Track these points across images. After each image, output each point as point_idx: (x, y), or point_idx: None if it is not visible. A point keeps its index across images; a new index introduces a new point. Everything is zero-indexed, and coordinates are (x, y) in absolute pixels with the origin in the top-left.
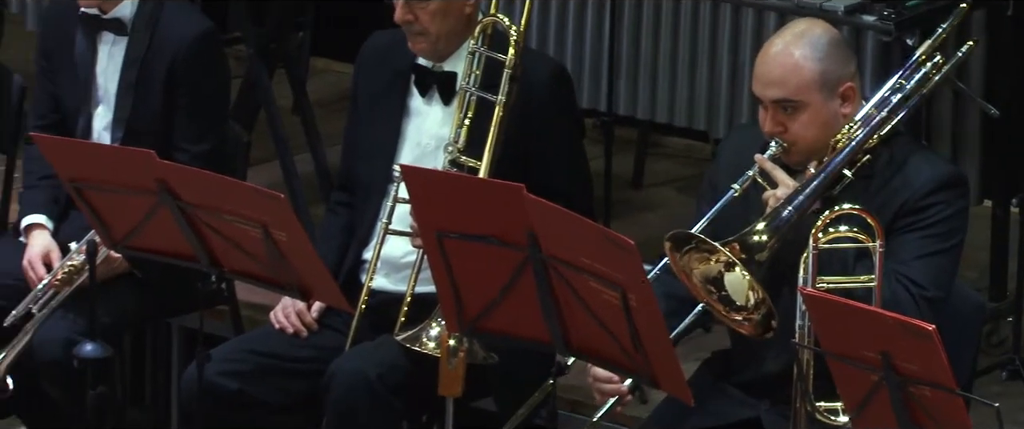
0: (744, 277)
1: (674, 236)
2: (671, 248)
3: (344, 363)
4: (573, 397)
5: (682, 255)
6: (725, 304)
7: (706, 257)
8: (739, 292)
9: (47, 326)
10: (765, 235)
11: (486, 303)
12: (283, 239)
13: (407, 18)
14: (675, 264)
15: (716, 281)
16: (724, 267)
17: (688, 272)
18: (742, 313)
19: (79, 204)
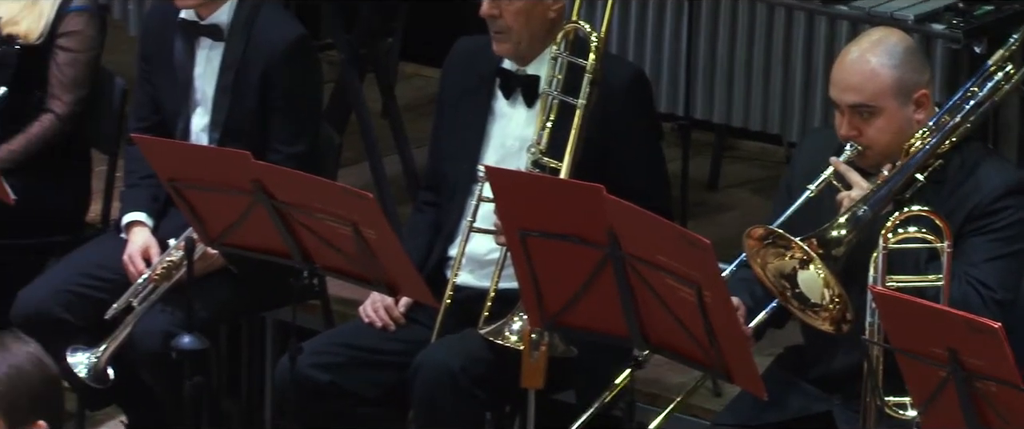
0: (819, 274)
1: (753, 230)
2: (750, 242)
3: (430, 356)
4: (650, 390)
5: (760, 249)
6: (798, 300)
7: (782, 253)
8: (813, 289)
9: (146, 319)
10: (843, 230)
11: (567, 299)
12: (372, 237)
13: (492, 12)
14: (752, 259)
15: (790, 277)
16: (799, 263)
17: (764, 267)
18: (816, 309)
19: (178, 202)
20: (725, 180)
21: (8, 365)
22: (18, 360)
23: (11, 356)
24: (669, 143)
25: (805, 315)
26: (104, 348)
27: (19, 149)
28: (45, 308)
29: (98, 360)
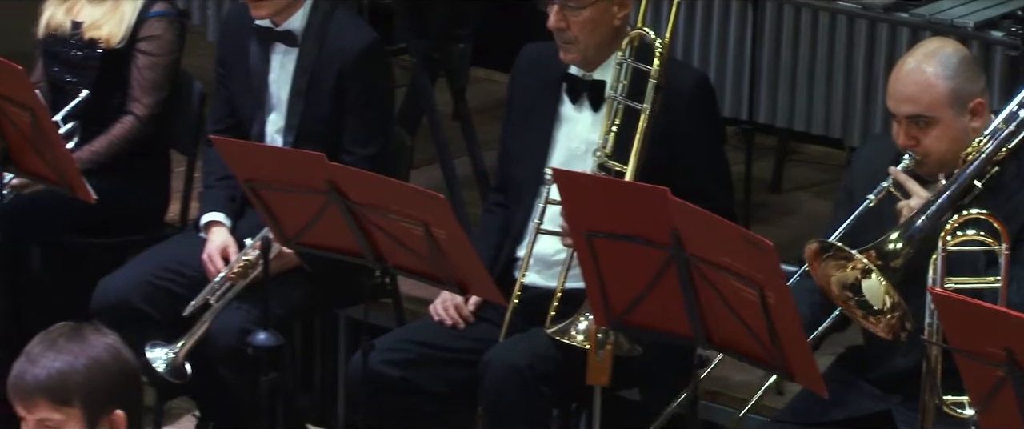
0: (881, 283)
1: (813, 245)
2: (811, 256)
3: (498, 353)
4: (713, 388)
5: (821, 262)
6: (862, 309)
7: (843, 264)
8: (876, 297)
9: (224, 316)
10: (900, 243)
11: (632, 299)
12: (443, 237)
13: (560, 25)
14: (814, 271)
15: (853, 287)
16: (861, 274)
17: (826, 278)
18: (878, 317)
19: (254, 203)
20: (787, 183)
21: (87, 357)
22: (97, 352)
23: (90, 348)
24: (732, 146)
25: (867, 322)
26: (182, 344)
27: (101, 150)
28: (126, 298)
29: (176, 355)
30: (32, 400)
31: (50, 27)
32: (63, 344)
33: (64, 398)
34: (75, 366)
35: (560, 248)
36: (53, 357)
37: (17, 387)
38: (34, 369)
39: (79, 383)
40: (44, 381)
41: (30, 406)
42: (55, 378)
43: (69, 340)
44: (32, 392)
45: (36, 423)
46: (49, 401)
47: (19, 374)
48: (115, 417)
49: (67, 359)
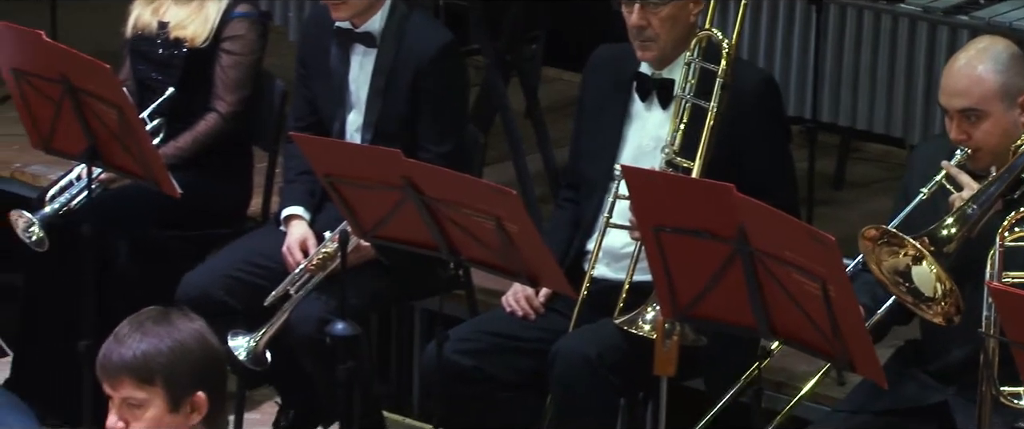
0: (932, 270)
1: (869, 231)
2: (865, 242)
3: (567, 343)
4: (777, 378)
5: (875, 248)
6: (913, 295)
7: (896, 250)
8: (926, 284)
9: (303, 306)
10: (954, 228)
11: (698, 291)
12: (515, 231)
13: (641, 24)
14: (868, 257)
15: (904, 273)
16: (912, 260)
17: (879, 264)
18: (928, 303)
19: (333, 197)
20: (849, 180)
21: (172, 339)
22: (182, 335)
23: (176, 331)
24: (796, 144)
25: (918, 308)
26: (263, 333)
27: (185, 146)
28: (208, 291)
29: (257, 344)
30: (117, 378)
31: (137, 27)
32: (150, 326)
33: (147, 377)
34: (160, 347)
35: (628, 242)
36: (139, 338)
37: (104, 365)
38: (121, 349)
39: (162, 364)
40: (129, 361)
41: (115, 384)
42: (139, 358)
43: (156, 323)
44: (117, 370)
45: (121, 401)
46: (133, 379)
47: (106, 353)
48: (197, 399)
49: (152, 341)
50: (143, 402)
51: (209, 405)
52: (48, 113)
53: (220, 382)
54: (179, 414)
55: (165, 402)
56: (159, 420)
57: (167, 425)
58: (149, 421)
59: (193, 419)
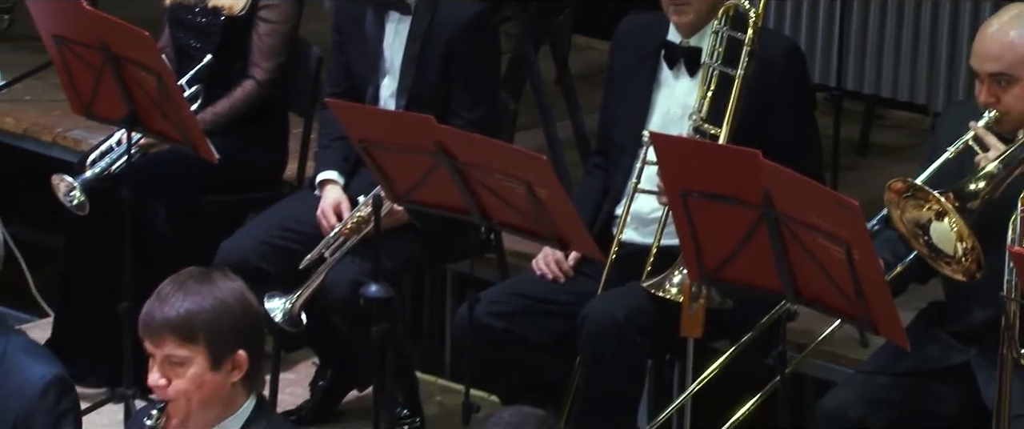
0: (953, 227)
1: (896, 183)
2: (891, 194)
3: (596, 306)
4: (801, 341)
5: (900, 201)
6: (931, 250)
7: (920, 204)
8: (946, 240)
9: (337, 269)
10: (980, 183)
11: (724, 255)
12: (545, 195)
13: None
14: (892, 209)
15: (925, 227)
16: (935, 215)
17: (901, 216)
18: (946, 259)
19: (367, 162)
20: (873, 147)
21: (214, 298)
22: (223, 294)
23: (217, 290)
24: (822, 112)
25: (937, 263)
26: (298, 295)
27: (223, 112)
28: (245, 258)
29: (292, 306)
30: (160, 336)
31: None
32: (192, 286)
33: (189, 335)
34: (202, 306)
35: (656, 207)
36: (182, 297)
37: (147, 324)
38: (164, 308)
39: (205, 321)
40: (172, 319)
41: (158, 342)
42: (183, 316)
43: (198, 282)
44: (161, 329)
45: (163, 359)
46: (176, 338)
47: (149, 312)
48: (238, 357)
49: (195, 300)
50: (185, 360)
51: (248, 364)
52: (89, 80)
53: (259, 341)
54: (220, 372)
55: (207, 360)
56: (201, 378)
57: (208, 383)
58: (191, 379)
59: (233, 377)
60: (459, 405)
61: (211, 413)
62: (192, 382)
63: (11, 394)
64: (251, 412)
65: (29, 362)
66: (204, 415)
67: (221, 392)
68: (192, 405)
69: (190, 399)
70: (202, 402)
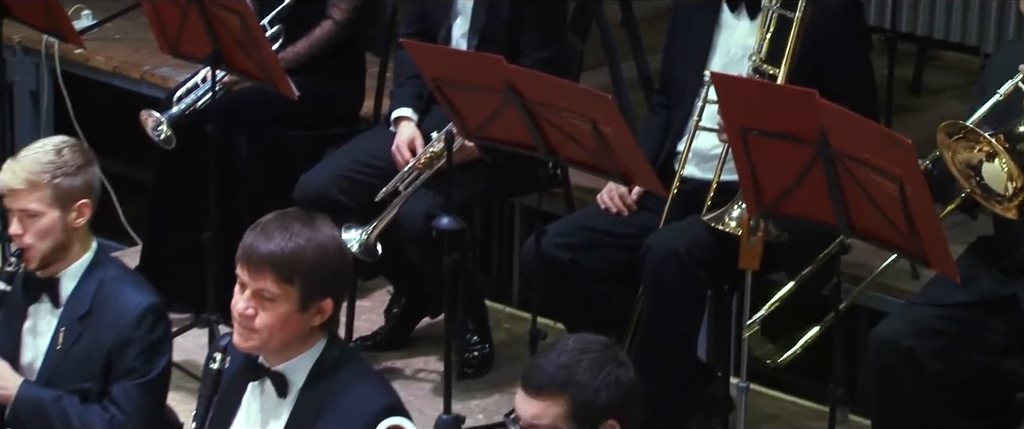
0: (1004, 168)
1: (946, 125)
2: (942, 136)
3: (658, 239)
4: (855, 272)
5: (951, 142)
6: (982, 189)
7: (971, 146)
8: (996, 180)
9: (411, 202)
10: None
11: (781, 190)
12: (609, 133)
13: None
14: (943, 151)
15: (975, 168)
16: (986, 156)
17: (953, 158)
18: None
19: (440, 100)
20: (926, 87)
21: (317, 244)
22: (325, 239)
23: (320, 235)
24: (876, 53)
25: (988, 203)
26: (374, 226)
27: (303, 51)
28: (324, 191)
29: (368, 237)
30: (260, 270)
31: None
32: (298, 227)
33: (288, 276)
34: (305, 250)
35: (716, 144)
36: (288, 236)
37: (250, 255)
38: (269, 243)
39: (305, 265)
40: (277, 256)
41: (256, 275)
42: (287, 255)
43: (303, 224)
44: (263, 263)
45: (255, 291)
46: (275, 275)
47: (253, 244)
48: (324, 304)
49: (300, 242)
50: (276, 297)
51: (331, 312)
52: (175, 20)
53: (345, 292)
54: (305, 314)
55: (296, 302)
56: (287, 317)
57: (293, 323)
58: (277, 316)
59: (315, 321)
60: (526, 332)
61: (286, 349)
62: (278, 319)
63: (108, 322)
64: (324, 348)
65: (126, 291)
66: (279, 350)
67: (301, 333)
68: (272, 339)
69: (272, 333)
70: (282, 339)
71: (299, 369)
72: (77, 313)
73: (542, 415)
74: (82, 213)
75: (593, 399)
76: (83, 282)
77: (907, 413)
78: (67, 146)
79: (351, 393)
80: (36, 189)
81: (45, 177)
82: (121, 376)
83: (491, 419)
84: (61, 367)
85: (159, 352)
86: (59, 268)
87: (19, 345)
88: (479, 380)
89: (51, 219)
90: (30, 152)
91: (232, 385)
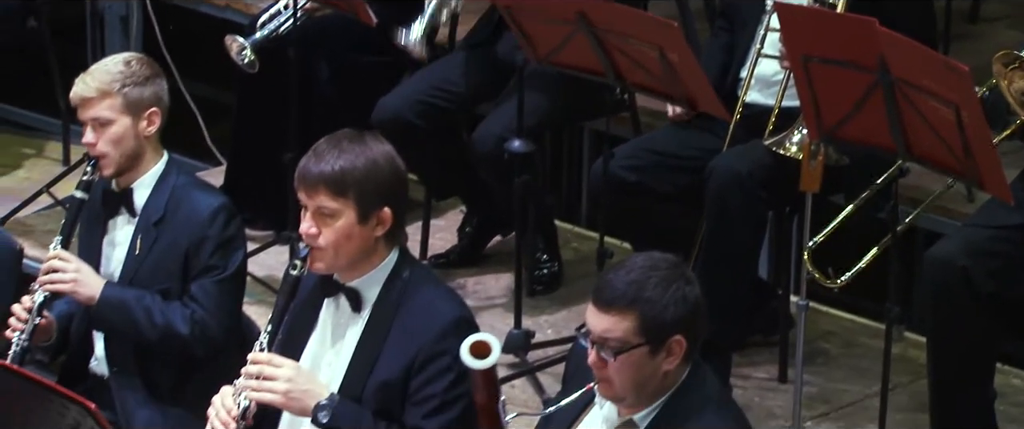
0: None
1: (1002, 55)
2: (998, 65)
3: (721, 161)
4: (912, 195)
5: (1007, 71)
6: None
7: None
8: None
9: (484, 125)
10: None
11: (841, 116)
12: (675, 59)
13: None
14: (999, 79)
15: None
16: None
17: (1009, 85)
18: None
19: (511, 27)
20: (983, 16)
21: (366, 158)
22: (374, 155)
23: (369, 151)
24: None
25: None
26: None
27: None
28: (400, 114)
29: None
30: (314, 188)
31: None
32: (346, 145)
33: (341, 189)
34: (355, 164)
35: (778, 70)
36: (337, 155)
37: (303, 177)
38: (320, 164)
39: (356, 178)
40: (327, 174)
41: (312, 194)
42: (337, 172)
43: (351, 142)
44: (315, 182)
45: (315, 210)
46: (328, 191)
47: (306, 166)
48: (383, 214)
49: (349, 157)
50: (335, 212)
51: (392, 220)
52: None
53: (403, 200)
54: (366, 226)
55: (355, 214)
56: (349, 230)
57: (356, 235)
58: (339, 230)
59: (378, 231)
60: (594, 251)
61: (355, 264)
62: (340, 233)
63: (182, 224)
64: (395, 264)
65: (197, 194)
66: (349, 266)
67: (366, 245)
68: (339, 254)
69: (338, 248)
70: (349, 252)
71: (372, 284)
72: (152, 220)
73: (612, 329)
74: (152, 122)
75: (661, 314)
76: (156, 190)
77: (961, 331)
78: (136, 59)
79: (423, 306)
80: (107, 97)
81: (115, 86)
82: (199, 274)
83: (560, 334)
84: (140, 272)
85: (233, 248)
86: (132, 178)
87: (100, 257)
88: (548, 296)
89: (122, 126)
90: (101, 65)
91: (309, 302)
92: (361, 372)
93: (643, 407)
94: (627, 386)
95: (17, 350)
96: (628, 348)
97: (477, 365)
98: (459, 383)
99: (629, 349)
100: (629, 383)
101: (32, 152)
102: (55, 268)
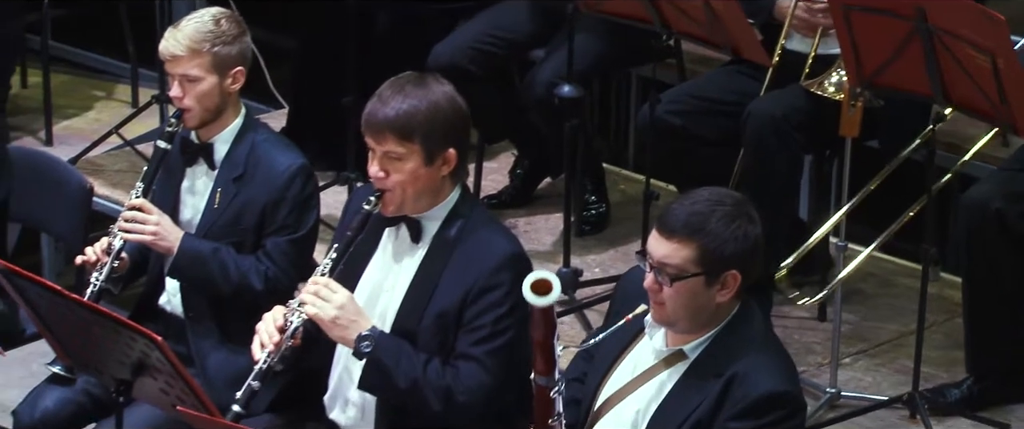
0: None
1: None
2: None
3: (758, 105)
4: (948, 140)
5: None
6: None
7: None
8: None
9: (535, 71)
10: None
11: (880, 62)
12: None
13: None
14: None
15: None
16: None
17: None
18: None
19: None
20: None
21: (429, 101)
22: (437, 97)
23: (431, 94)
24: None
25: None
26: None
27: None
28: (454, 60)
29: None
30: (381, 134)
31: None
32: (410, 89)
33: (407, 134)
34: (419, 108)
35: None
36: (401, 99)
37: (370, 122)
38: (385, 108)
39: (421, 122)
40: (392, 119)
41: (379, 139)
42: (402, 117)
43: (415, 86)
44: (382, 127)
45: (383, 154)
46: (395, 135)
47: (372, 112)
48: (448, 154)
49: (413, 102)
50: (402, 155)
51: (456, 160)
52: None
53: (466, 140)
54: (432, 167)
55: (421, 156)
56: (416, 171)
57: (422, 176)
58: (407, 172)
59: (443, 171)
60: (640, 193)
61: (422, 201)
62: (408, 175)
63: (261, 182)
64: (456, 201)
65: (276, 153)
66: (416, 203)
67: (433, 184)
68: (407, 194)
69: (405, 189)
70: (416, 192)
71: (433, 218)
72: (232, 175)
73: (672, 256)
74: (237, 79)
75: (721, 248)
76: (235, 145)
77: (995, 272)
78: (224, 17)
79: (480, 241)
80: (197, 56)
81: (205, 45)
82: (274, 231)
83: (607, 273)
84: (217, 224)
85: (308, 208)
86: (213, 132)
87: (177, 203)
88: (596, 237)
89: (210, 84)
90: (191, 22)
91: (371, 229)
92: (419, 301)
93: (693, 337)
94: (679, 312)
95: (94, 290)
96: (685, 276)
97: (538, 302)
98: (509, 315)
99: (685, 277)
100: (681, 309)
101: (102, 94)
102: (136, 219)
